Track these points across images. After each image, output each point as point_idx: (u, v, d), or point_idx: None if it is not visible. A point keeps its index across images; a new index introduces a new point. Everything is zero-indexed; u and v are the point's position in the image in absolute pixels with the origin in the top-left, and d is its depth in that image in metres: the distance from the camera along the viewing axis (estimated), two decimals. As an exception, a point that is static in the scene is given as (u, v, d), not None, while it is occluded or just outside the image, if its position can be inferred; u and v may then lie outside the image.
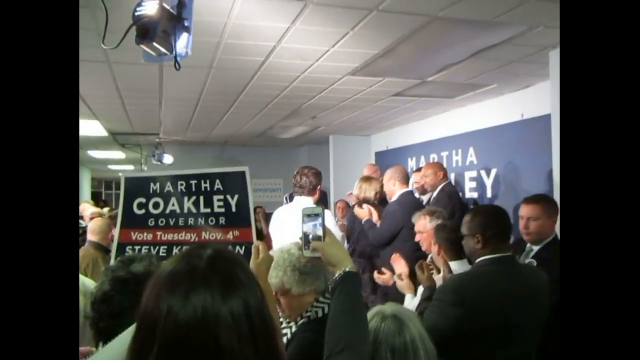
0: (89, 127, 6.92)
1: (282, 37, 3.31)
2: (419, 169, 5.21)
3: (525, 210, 2.92)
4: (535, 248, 2.92)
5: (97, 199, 16.53)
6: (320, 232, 1.41)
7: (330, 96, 5.11)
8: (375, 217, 4.33)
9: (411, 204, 4.24)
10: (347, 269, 1.32)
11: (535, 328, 2.20)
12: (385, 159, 7.37)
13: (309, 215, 1.43)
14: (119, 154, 10.50)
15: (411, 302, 2.81)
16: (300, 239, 1.44)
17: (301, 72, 4.20)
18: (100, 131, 7.25)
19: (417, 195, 4.94)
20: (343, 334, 1.21)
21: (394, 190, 4.30)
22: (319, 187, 3.72)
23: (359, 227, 4.53)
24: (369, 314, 1.53)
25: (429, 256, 3.18)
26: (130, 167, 14.17)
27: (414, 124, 6.87)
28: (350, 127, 7.32)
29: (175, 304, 0.81)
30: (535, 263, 2.82)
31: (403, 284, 2.90)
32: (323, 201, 5.76)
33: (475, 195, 5.53)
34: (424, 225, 3.30)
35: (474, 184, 5.59)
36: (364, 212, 4.33)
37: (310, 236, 1.41)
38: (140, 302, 0.87)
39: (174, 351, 0.80)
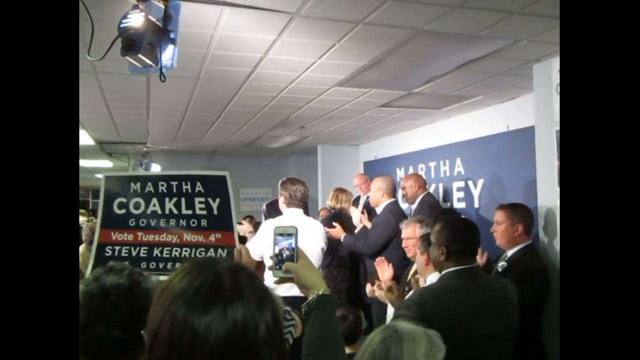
0: (76, 136, 6.87)
1: (269, 49, 3.33)
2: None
3: (495, 216, 3.30)
4: (510, 252, 3.20)
5: (85, 208, 16.39)
6: (293, 253, 1.36)
7: (318, 107, 5.13)
8: (366, 223, 4.37)
9: (399, 212, 4.28)
10: (320, 292, 1.28)
11: (505, 340, 2.19)
12: (373, 169, 7.39)
13: (281, 235, 1.38)
14: (106, 163, 10.42)
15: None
16: (271, 258, 1.39)
17: (289, 83, 4.21)
18: (87, 140, 7.20)
19: (404, 204, 4.98)
20: None
21: (381, 200, 4.34)
22: (306, 200, 3.75)
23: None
24: (377, 331, 1.53)
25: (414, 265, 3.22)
26: (118, 176, 14.05)
27: (402, 134, 6.91)
28: (338, 137, 7.34)
29: (214, 321, 0.77)
30: (505, 265, 3.08)
31: (383, 294, 2.91)
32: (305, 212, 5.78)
33: (463, 205, 5.56)
34: (413, 232, 3.37)
35: (461, 194, 5.62)
36: (338, 232, 4.34)
37: (283, 256, 1.36)
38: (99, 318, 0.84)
39: None
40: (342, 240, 4.38)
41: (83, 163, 10.55)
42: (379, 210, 4.40)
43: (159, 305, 0.82)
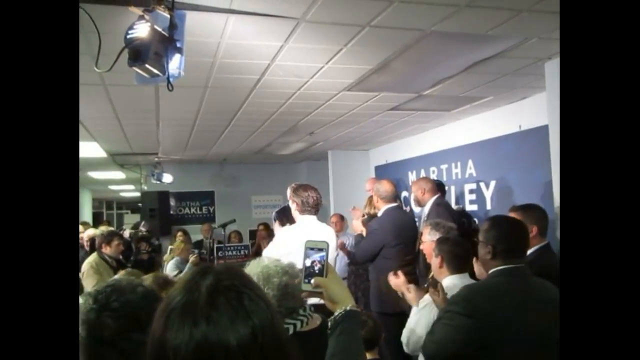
0: (88, 149, 6.92)
1: (276, 55, 3.32)
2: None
3: None
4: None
5: (98, 220, 16.52)
6: (322, 267, 1.38)
7: (326, 112, 5.11)
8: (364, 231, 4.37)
9: (394, 220, 4.22)
10: (348, 308, 1.30)
11: (551, 342, 2.15)
12: (385, 173, 7.36)
13: (312, 249, 1.40)
14: (118, 174, 10.50)
15: (416, 314, 2.78)
16: (301, 271, 1.41)
17: (297, 89, 4.20)
18: (99, 152, 7.26)
19: (417, 208, 4.95)
20: None
21: (379, 206, 4.32)
22: (319, 207, 3.72)
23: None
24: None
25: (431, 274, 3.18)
26: (131, 187, 14.18)
27: (413, 138, 6.87)
28: (348, 142, 7.32)
29: (181, 344, 0.78)
30: None
31: (411, 296, 2.87)
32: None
33: (475, 207, 5.50)
34: (426, 236, 3.33)
35: (473, 196, 5.57)
36: (358, 226, 4.38)
37: (314, 270, 1.39)
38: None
39: None
40: (354, 236, 4.41)
41: (96, 175, 10.66)
42: (379, 215, 4.38)
43: (154, 322, 0.85)
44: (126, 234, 5.22)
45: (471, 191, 5.61)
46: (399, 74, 3.81)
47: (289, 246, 3.39)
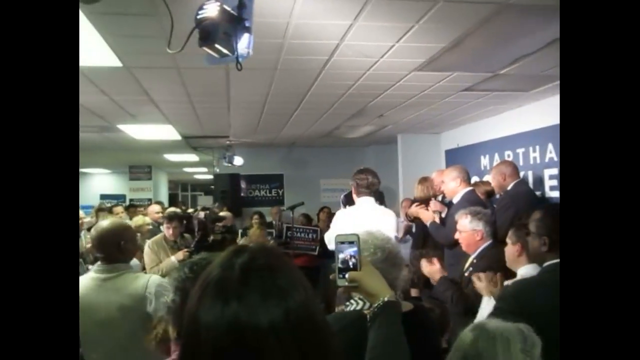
0: (164, 132, 7.22)
1: (345, 35, 3.26)
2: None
3: None
4: None
5: (174, 200, 17.29)
6: (355, 261, 1.35)
7: (396, 93, 5.00)
8: (436, 217, 4.24)
9: (476, 202, 4.09)
10: (386, 299, 1.28)
11: None
12: (456, 158, 7.13)
13: (342, 243, 1.37)
14: (192, 157, 10.90)
15: (488, 304, 2.68)
16: (334, 267, 1.38)
17: (366, 70, 4.13)
18: (174, 135, 7.54)
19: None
20: None
21: (456, 190, 4.16)
22: (377, 188, 3.74)
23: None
24: (468, 329, 1.49)
25: (471, 257, 3.16)
26: (204, 170, 14.70)
27: (487, 120, 6.59)
28: (418, 125, 7.15)
29: (214, 321, 0.77)
30: None
31: (481, 286, 2.77)
32: (380, 202, 5.70)
33: (556, 194, 5.21)
34: (464, 225, 3.22)
35: (554, 182, 5.26)
36: (428, 215, 4.26)
37: (350, 264, 1.35)
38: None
39: None
40: (428, 225, 4.27)
41: (171, 157, 11.13)
42: (455, 200, 4.22)
43: (190, 297, 0.85)
44: (201, 214, 5.39)
45: (551, 177, 5.30)
46: (474, 51, 3.63)
47: (346, 229, 3.50)
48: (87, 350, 2.47)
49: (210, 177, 14.70)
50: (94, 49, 3.42)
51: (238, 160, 8.36)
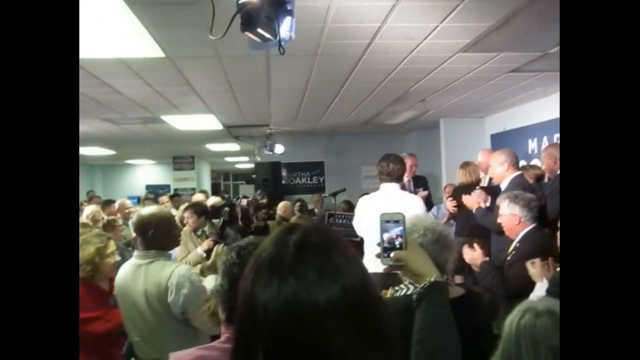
0: (206, 122, 7.32)
1: (387, 17, 3.19)
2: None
3: None
4: None
5: (217, 189, 17.59)
6: (402, 241, 1.30)
7: (440, 77, 4.87)
8: (482, 203, 4.12)
9: (527, 187, 3.96)
10: (432, 279, 1.24)
11: None
12: (502, 142, 6.92)
13: (388, 222, 1.32)
14: (233, 146, 11.03)
15: (541, 289, 2.60)
16: (379, 245, 1.33)
17: (408, 53, 4.04)
18: (216, 125, 7.64)
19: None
20: (435, 348, 1.17)
21: (504, 174, 4.02)
22: (403, 173, 3.65)
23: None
24: (517, 310, 1.46)
25: (514, 242, 3.13)
26: (245, 159, 14.87)
27: (535, 103, 6.36)
28: (462, 109, 6.97)
29: (270, 300, 0.75)
30: None
31: (535, 272, 2.68)
32: (424, 186, 5.59)
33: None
34: (502, 210, 3.15)
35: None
36: (473, 201, 4.16)
37: (395, 244, 1.31)
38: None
39: (280, 347, 0.74)
40: (474, 211, 4.17)
41: (213, 147, 11.29)
42: (503, 185, 4.08)
43: (243, 277, 0.83)
44: (243, 202, 5.45)
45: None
46: (523, 30, 3.48)
47: (367, 215, 3.70)
48: (129, 332, 2.56)
49: (251, 166, 14.86)
50: (138, 41, 3.47)
51: (279, 149, 8.40)
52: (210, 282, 2.54)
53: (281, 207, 6.32)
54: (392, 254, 1.30)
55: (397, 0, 2.90)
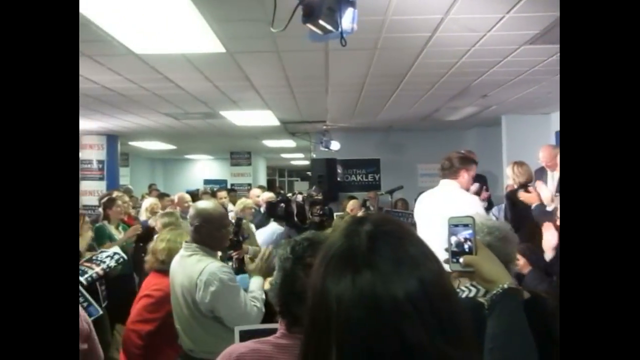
0: (263, 117, 7.42)
1: (450, 8, 3.10)
2: None
3: None
4: None
5: (272, 186, 17.84)
6: (471, 244, 1.25)
7: (503, 70, 4.71)
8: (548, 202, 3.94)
9: None
10: (506, 286, 1.19)
11: None
12: (568, 139, 6.61)
13: (456, 225, 1.27)
14: (289, 143, 11.14)
15: None
16: (446, 250, 1.28)
17: (471, 46, 3.92)
18: (273, 121, 7.73)
19: None
20: (511, 357, 1.13)
21: None
22: (462, 171, 3.50)
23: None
24: None
25: None
26: (300, 155, 14.99)
27: (605, 98, 6.03)
28: (526, 105, 6.71)
29: (344, 293, 0.72)
30: None
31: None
32: (480, 186, 5.41)
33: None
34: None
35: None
36: (533, 197, 3.99)
37: (464, 247, 1.26)
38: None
39: (355, 341, 0.71)
40: (532, 208, 4.01)
41: (269, 143, 11.46)
42: None
43: (312, 274, 0.81)
44: (299, 198, 5.48)
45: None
46: (596, 19, 3.31)
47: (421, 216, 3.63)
48: (175, 320, 2.61)
49: (306, 163, 14.95)
50: (200, 36, 3.56)
51: (335, 145, 8.39)
52: (254, 283, 2.55)
53: (350, 205, 6.35)
54: (461, 259, 1.26)
55: (462, -10, 2.82)
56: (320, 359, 0.73)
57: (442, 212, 1.42)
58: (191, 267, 2.44)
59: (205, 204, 2.76)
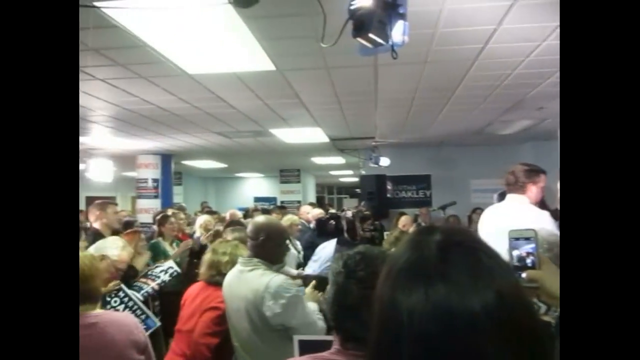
0: (312, 135, 7.47)
1: (504, 18, 3.04)
2: None
3: None
4: None
5: (321, 203, 17.90)
6: (534, 259, 1.20)
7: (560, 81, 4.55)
8: None
9: None
10: None
11: None
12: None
13: (517, 239, 1.23)
14: (338, 160, 11.15)
15: None
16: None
17: (525, 56, 3.82)
18: (322, 138, 7.78)
19: None
20: None
21: None
22: (529, 184, 3.32)
23: None
24: None
25: None
26: (349, 172, 14.98)
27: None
28: (585, 117, 6.45)
29: (416, 305, 0.68)
30: None
31: None
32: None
33: None
34: None
35: None
36: None
37: (527, 262, 1.21)
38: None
39: (428, 354, 0.68)
40: None
41: (318, 160, 11.52)
42: None
43: (378, 286, 0.77)
44: (348, 214, 5.47)
45: None
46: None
47: (486, 228, 3.32)
48: (232, 335, 2.62)
49: (355, 179, 14.90)
50: (251, 55, 3.63)
51: (384, 161, 8.33)
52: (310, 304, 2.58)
53: (402, 221, 6.28)
54: (523, 274, 1.20)
55: (515, -1, 2.76)
56: None
57: (507, 228, 1.36)
58: (256, 281, 2.45)
59: (267, 218, 2.79)
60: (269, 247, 2.57)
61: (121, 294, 2.97)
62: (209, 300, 2.88)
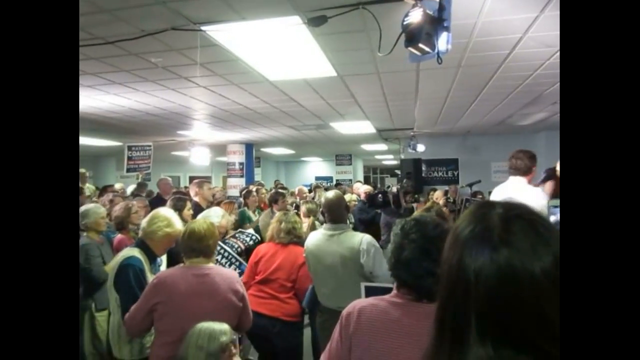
0: (363, 127, 7.38)
1: (529, 27, 2.84)
2: None
3: None
4: None
5: (367, 181, 17.78)
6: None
7: (575, 80, 4.23)
8: None
9: None
10: None
11: None
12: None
13: (555, 207, 1.13)
14: (382, 146, 10.99)
15: None
16: None
17: (546, 60, 3.57)
18: (370, 129, 7.66)
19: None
20: None
21: None
22: (533, 168, 3.13)
23: None
24: None
25: None
26: (390, 156, 14.74)
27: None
28: (594, 110, 6.00)
29: (483, 265, 0.65)
30: None
31: None
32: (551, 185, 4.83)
33: None
34: None
35: None
36: None
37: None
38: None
39: (494, 312, 0.64)
40: None
41: (367, 147, 11.38)
42: None
43: (444, 252, 0.74)
44: (394, 189, 5.38)
45: None
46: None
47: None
48: (318, 285, 2.63)
49: (394, 162, 14.64)
50: (318, 64, 3.60)
51: (420, 148, 8.14)
52: None
53: (436, 195, 6.20)
54: None
55: (541, 11, 2.57)
56: (458, 325, 0.67)
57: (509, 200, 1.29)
58: (349, 240, 2.49)
59: (331, 193, 2.78)
60: (342, 214, 2.63)
61: (219, 248, 3.08)
62: (299, 256, 2.85)
